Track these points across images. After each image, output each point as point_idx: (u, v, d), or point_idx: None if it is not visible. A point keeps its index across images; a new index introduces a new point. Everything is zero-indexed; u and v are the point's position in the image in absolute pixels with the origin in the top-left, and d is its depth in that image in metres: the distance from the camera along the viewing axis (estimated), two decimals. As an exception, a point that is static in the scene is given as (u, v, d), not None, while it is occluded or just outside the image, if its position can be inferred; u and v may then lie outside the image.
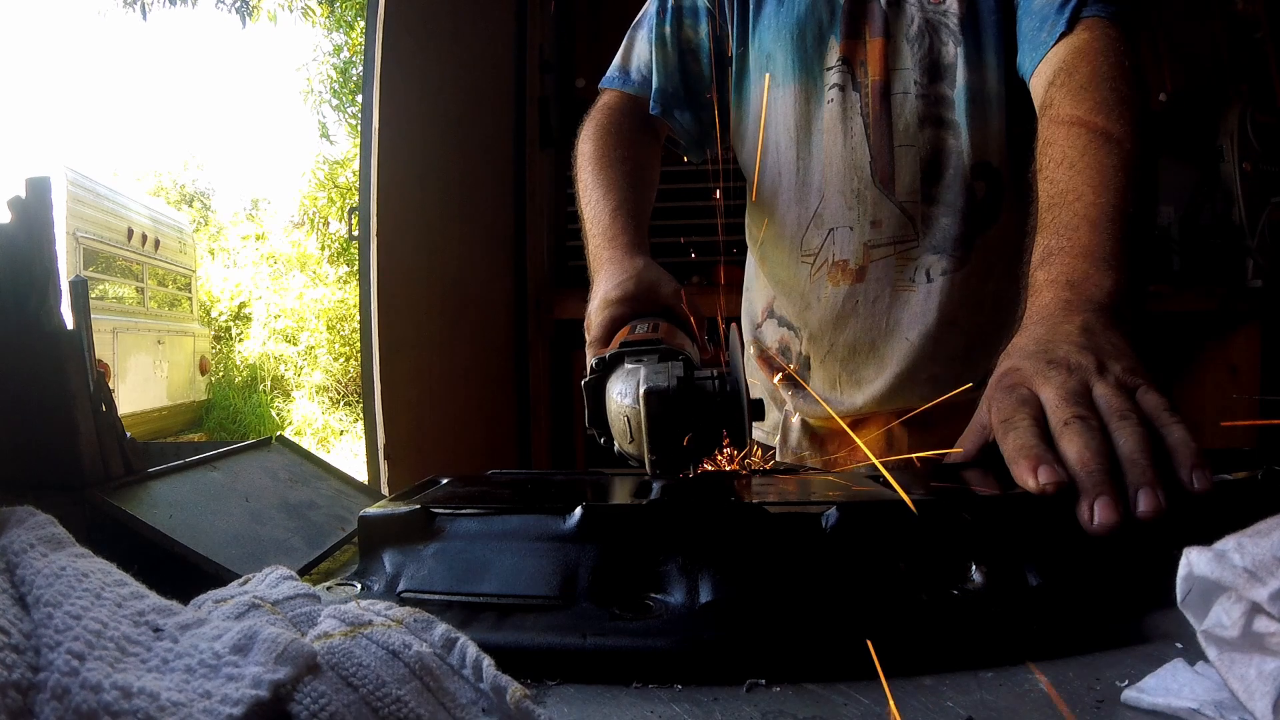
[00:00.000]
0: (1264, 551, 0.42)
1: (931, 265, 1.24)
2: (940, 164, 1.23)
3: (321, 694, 0.36)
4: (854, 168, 1.25)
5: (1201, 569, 0.44)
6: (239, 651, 0.37)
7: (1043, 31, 1.11)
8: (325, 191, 11.47)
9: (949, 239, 1.23)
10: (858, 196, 1.25)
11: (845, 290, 1.28)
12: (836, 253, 1.28)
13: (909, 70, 1.23)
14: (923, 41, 1.23)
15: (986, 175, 1.23)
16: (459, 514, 0.64)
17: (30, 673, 0.34)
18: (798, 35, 1.27)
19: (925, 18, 1.23)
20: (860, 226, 1.26)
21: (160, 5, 9.91)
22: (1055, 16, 1.09)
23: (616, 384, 0.83)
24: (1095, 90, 1.01)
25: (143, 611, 0.39)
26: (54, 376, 0.67)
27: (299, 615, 0.44)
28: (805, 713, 0.46)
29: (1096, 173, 0.93)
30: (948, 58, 1.22)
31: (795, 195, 1.31)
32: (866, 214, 1.25)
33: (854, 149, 1.25)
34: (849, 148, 1.25)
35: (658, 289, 1.04)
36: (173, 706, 0.33)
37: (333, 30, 10.85)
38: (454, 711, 0.38)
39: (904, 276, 1.26)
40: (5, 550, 0.42)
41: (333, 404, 10.96)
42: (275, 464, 0.94)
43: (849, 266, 1.27)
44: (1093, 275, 0.83)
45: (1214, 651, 0.43)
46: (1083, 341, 0.74)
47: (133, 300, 8.78)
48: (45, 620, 0.36)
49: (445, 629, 0.42)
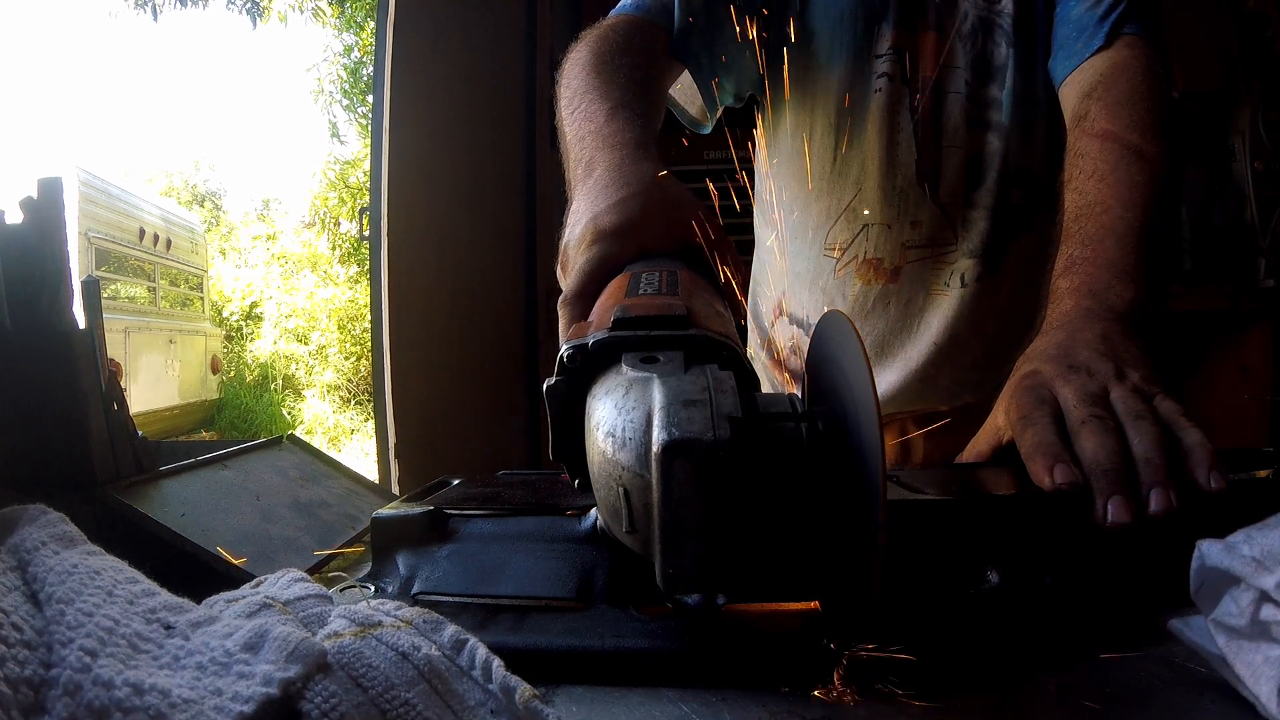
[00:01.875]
0: (1273, 542, 0.43)
1: (966, 270, 1.21)
2: (981, 167, 1.20)
3: (332, 694, 0.36)
4: (898, 164, 1.20)
5: (1213, 559, 0.45)
6: (250, 649, 0.37)
7: (1079, 41, 1.10)
8: (336, 191, 11.50)
9: (985, 244, 1.21)
10: (899, 194, 1.21)
11: (877, 290, 1.24)
12: (869, 250, 1.23)
13: (960, 69, 1.20)
14: (975, 40, 1.20)
15: (1023, 181, 1.21)
16: (474, 515, 0.63)
17: (42, 669, 0.34)
18: (850, 16, 1.20)
19: (979, 15, 1.19)
20: (900, 225, 1.21)
21: (171, 6, 9.95)
22: (1094, 28, 1.09)
23: (604, 403, 0.48)
24: (1132, 108, 1.00)
25: (154, 609, 0.40)
26: (66, 376, 0.67)
27: (310, 615, 0.44)
28: (814, 714, 0.46)
29: (1126, 189, 0.94)
30: (999, 59, 1.19)
31: (827, 185, 1.24)
32: (907, 213, 1.21)
33: (900, 144, 1.20)
34: (895, 142, 1.20)
35: (676, 211, 0.74)
36: (184, 704, 0.33)
37: (343, 30, 10.87)
38: (461, 715, 0.38)
39: (939, 280, 1.22)
40: (18, 548, 0.42)
41: (343, 403, 11.00)
42: (286, 463, 0.94)
43: (883, 266, 1.23)
44: (1114, 286, 0.84)
45: (1222, 639, 0.44)
46: (1102, 348, 0.75)
47: (144, 300, 8.81)
48: (58, 617, 0.36)
49: (455, 630, 0.42)
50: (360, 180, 10.72)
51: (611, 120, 0.91)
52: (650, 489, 0.42)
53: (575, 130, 0.93)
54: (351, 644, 0.39)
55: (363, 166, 10.49)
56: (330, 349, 11.35)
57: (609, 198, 0.74)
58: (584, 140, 0.89)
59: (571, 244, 0.74)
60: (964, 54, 1.19)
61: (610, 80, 1.01)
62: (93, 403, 0.69)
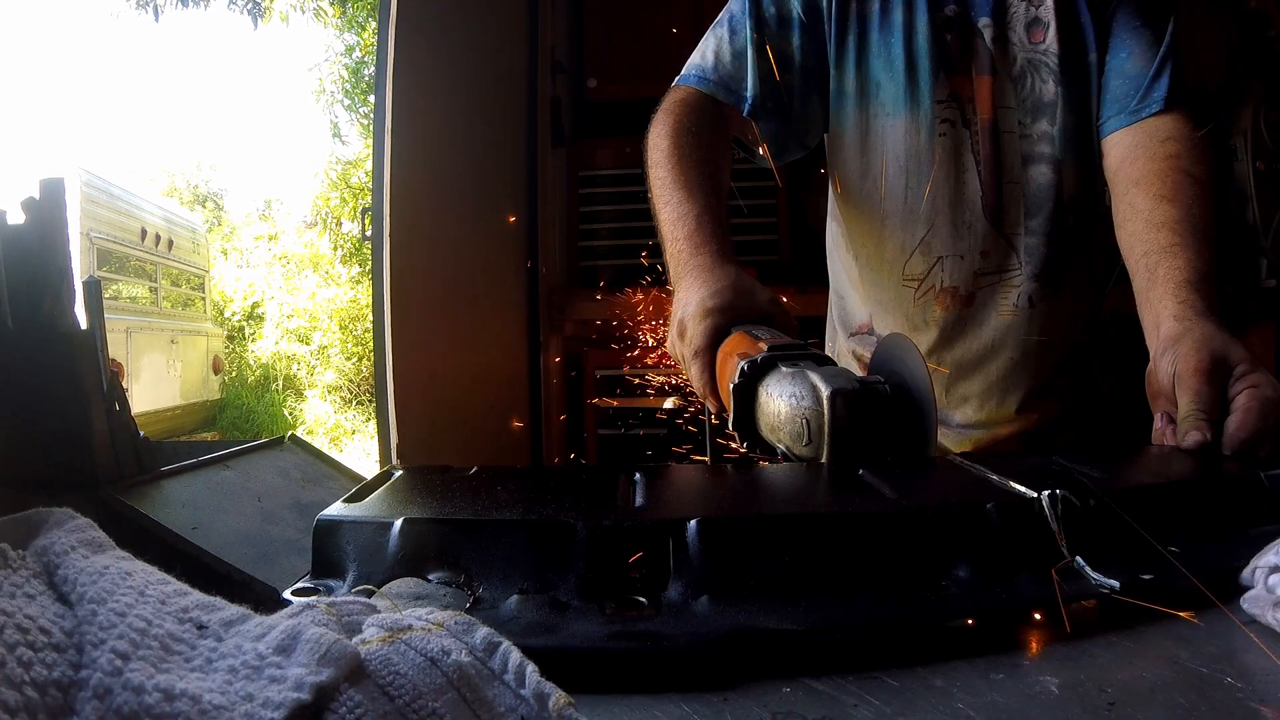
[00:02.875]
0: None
1: (1033, 291, 1.33)
2: (1040, 198, 1.32)
3: (358, 703, 0.35)
4: (965, 201, 1.32)
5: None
6: (282, 652, 0.36)
7: (1134, 99, 1.25)
8: (338, 192, 11.51)
9: (1046, 267, 1.33)
10: (969, 228, 1.33)
11: (955, 315, 1.36)
12: (945, 279, 1.35)
13: (1013, 109, 1.31)
14: (1025, 80, 1.31)
15: (1077, 208, 1.33)
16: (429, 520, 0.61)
17: (71, 670, 0.34)
18: (908, 68, 1.31)
19: (1026, 57, 1.31)
20: (971, 256, 1.34)
21: (173, 7, 9.96)
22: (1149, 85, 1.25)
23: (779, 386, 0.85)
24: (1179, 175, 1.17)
25: (186, 608, 0.39)
26: (67, 376, 0.67)
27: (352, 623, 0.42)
28: (815, 713, 0.45)
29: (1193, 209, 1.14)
30: (1048, 95, 1.30)
31: (901, 221, 1.36)
32: (976, 245, 1.33)
33: (965, 183, 1.32)
34: (961, 181, 1.32)
35: (754, 296, 1.06)
36: (214, 710, 0.32)
37: (344, 30, 10.89)
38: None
39: (1008, 302, 1.35)
40: (46, 551, 0.42)
41: (345, 403, 11.00)
42: (288, 463, 0.94)
43: (959, 293, 1.36)
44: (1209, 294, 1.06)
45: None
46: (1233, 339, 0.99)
47: (146, 300, 8.83)
48: (89, 617, 0.36)
49: (487, 632, 0.41)
50: (362, 180, 10.73)
51: (700, 228, 1.17)
52: (823, 416, 0.78)
53: (669, 230, 1.20)
54: (379, 650, 0.38)
55: (364, 166, 10.51)
56: (332, 349, 11.35)
57: (708, 289, 1.05)
58: (678, 242, 1.18)
59: (687, 318, 1.06)
60: (1016, 95, 1.32)
61: (691, 180, 1.23)
62: (94, 403, 0.69)
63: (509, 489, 0.72)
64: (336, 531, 0.61)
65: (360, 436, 9.94)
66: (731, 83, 1.36)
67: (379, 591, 0.57)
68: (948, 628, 0.53)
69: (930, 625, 0.53)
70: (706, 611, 0.54)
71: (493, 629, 0.41)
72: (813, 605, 0.55)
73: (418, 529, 0.59)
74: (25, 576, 0.40)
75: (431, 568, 0.58)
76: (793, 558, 0.57)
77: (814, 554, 0.58)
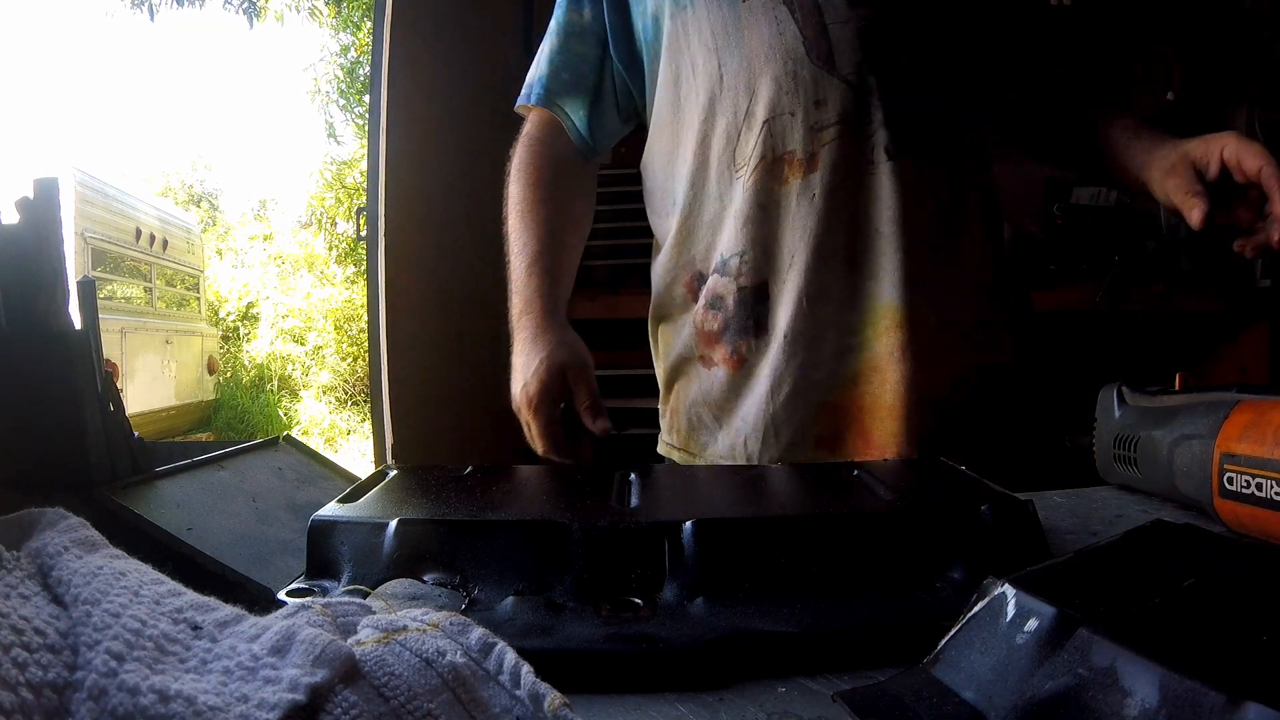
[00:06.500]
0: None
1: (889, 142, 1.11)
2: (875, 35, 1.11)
3: (353, 704, 0.35)
4: (786, 53, 1.11)
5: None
6: (277, 653, 0.36)
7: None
8: (333, 192, 11.50)
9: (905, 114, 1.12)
10: (794, 78, 1.11)
11: (797, 185, 1.12)
12: (777, 146, 1.12)
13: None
14: None
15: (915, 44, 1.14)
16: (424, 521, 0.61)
17: (66, 671, 0.34)
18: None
19: None
20: (804, 109, 1.11)
21: (167, 6, 9.94)
22: None
23: None
24: None
25: (181, 608, 0.39)
26: (62, 376, 0.67)
27: (348, 623, 0.43)
28: (811, 713, 0.46)
29: None
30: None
31: (721, 105, 1.16)
32: (808, 94, 1.11)
33: (783, 34, 1.11)
34: (775, 33, 1.11)
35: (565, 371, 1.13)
36: (209, 711, 0.32)
37: (340, 30, 10.87)
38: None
39: (861, 155, 1.11)
40: (39, 553, 0.42)
41: (340, 404, 10.99)
42: (282, 463, 0.94)
43: (795, 158, 1.12)
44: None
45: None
46: None
47: (141, 300, 8.80)
48: (84, 618, 0.36)
49: (482, 632, 0.41)
50: (357, 180, 10.72)
51: (528, 282, 1.19)
52: None
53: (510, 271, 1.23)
54: (374, 651, 0.38)
55: (359, 166, 10.48)
56: (327, 349, 11.35)
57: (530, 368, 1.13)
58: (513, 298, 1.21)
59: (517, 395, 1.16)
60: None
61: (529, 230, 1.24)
62: (89, 403, 0.69)
63: (504, 489, 0.73)
64: (331, 532, 0.61)
65: (355, 437, 9.93)
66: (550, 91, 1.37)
67: (374, 592, 0.57)
68: (942, 629, 0.53)
69: (924, 627, 0.53)
70: (702, 613, 0.54)
71: (488, 630, 0.41)
72: (807, 607, 0.55)
73: (413, 530, 0.60)
74: (19, 577, 0.40)
75: (427, 568, 0.59)
76: (788, 559, 0.58)
77: (809, 556, 0.58)
